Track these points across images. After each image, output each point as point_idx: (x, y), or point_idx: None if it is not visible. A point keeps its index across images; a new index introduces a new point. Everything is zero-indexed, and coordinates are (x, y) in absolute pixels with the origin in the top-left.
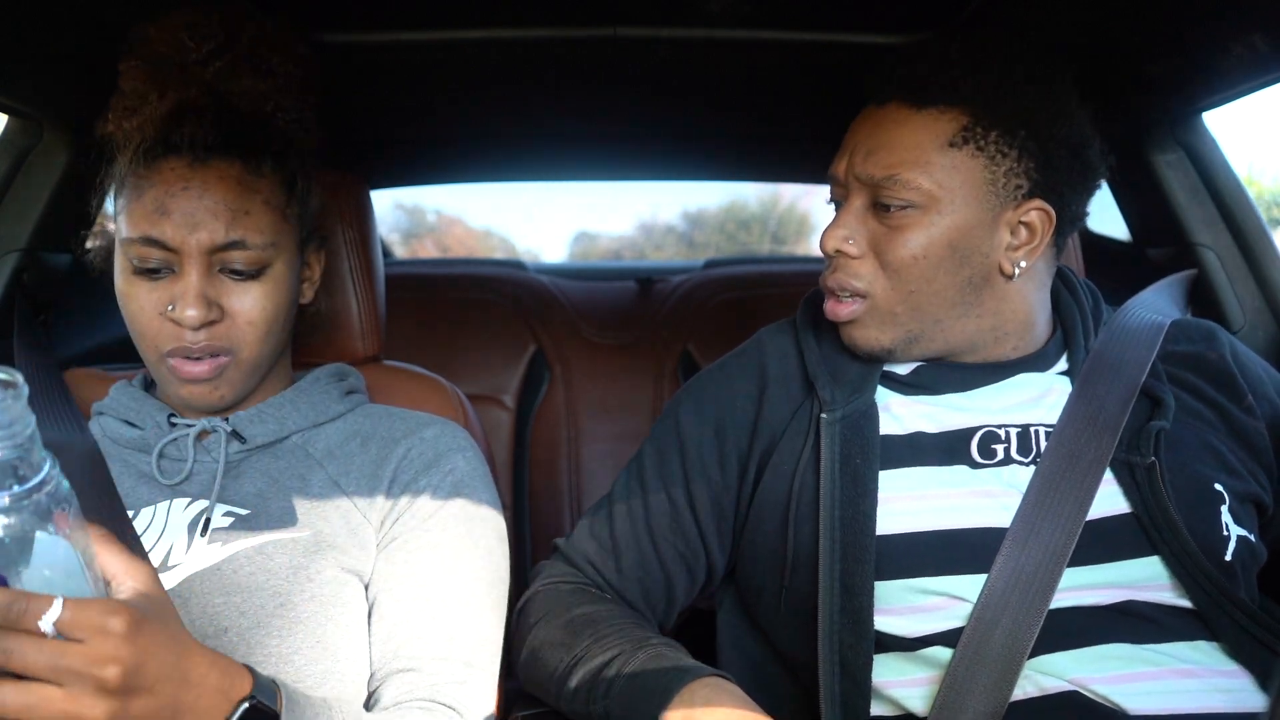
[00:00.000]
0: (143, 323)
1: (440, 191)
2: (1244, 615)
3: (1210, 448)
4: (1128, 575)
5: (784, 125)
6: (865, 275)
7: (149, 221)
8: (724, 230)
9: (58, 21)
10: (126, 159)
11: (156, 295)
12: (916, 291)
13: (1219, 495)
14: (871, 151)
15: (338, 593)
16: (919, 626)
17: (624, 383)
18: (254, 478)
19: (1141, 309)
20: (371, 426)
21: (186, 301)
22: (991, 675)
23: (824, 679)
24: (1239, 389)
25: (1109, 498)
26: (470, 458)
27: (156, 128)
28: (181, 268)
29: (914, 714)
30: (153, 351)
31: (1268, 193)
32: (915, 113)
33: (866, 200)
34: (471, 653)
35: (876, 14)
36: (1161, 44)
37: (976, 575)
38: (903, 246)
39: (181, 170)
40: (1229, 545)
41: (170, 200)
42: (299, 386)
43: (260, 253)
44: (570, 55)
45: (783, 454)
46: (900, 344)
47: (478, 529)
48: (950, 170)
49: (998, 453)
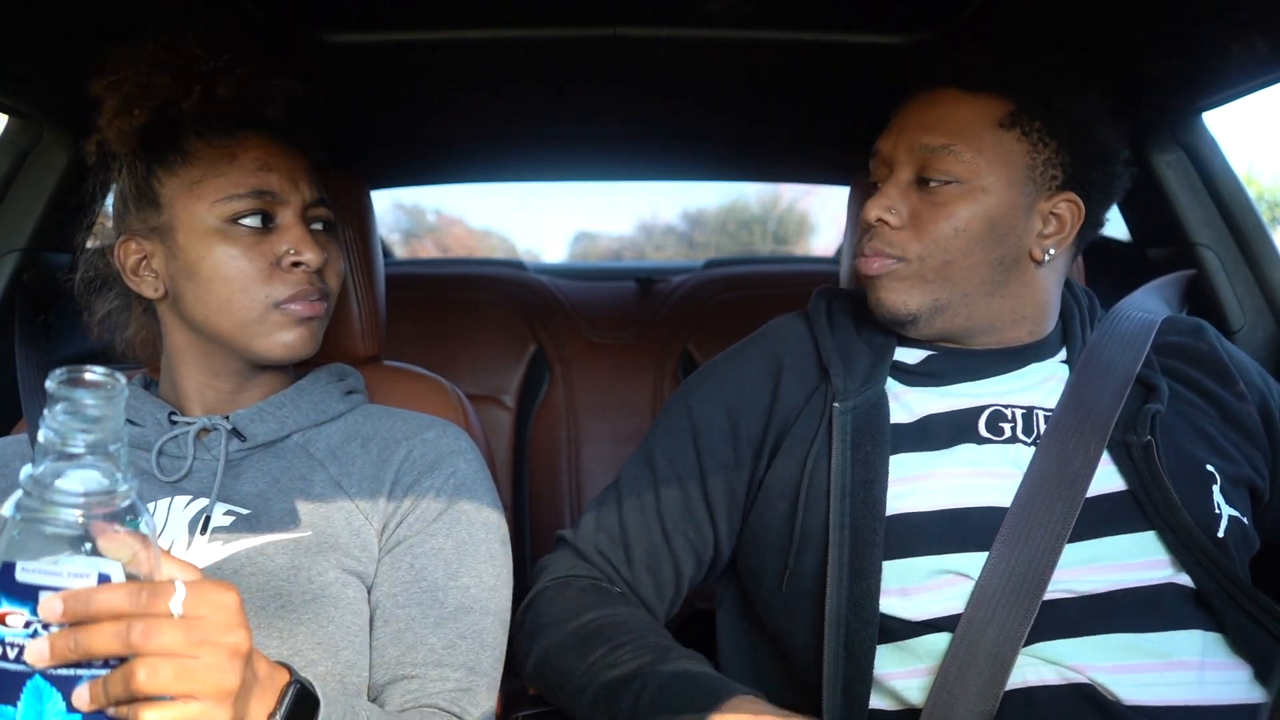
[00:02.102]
0: (251, 275)
1: (440, 191)
2: (1241, 593)
3: (1202, 432)
4: (1123, 550)
5: (784, 125)
6: (903, 243)
7: (256, 178)
8: (724, 230)
9: (58, 22)
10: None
11: (260, 249)
12: (952, 262)
13: (1210, 475)
14: (926, 125)
15: (339, 594)
16: (922, 608)
17: (624, 383)
18: (254, 477)
19: (1133, 308)
20: (372, 427)
21: (308, 245)
22: (989, 660)
23: (828, 664)
24: (1230, 375)
25: (1105, 476)
26: (471, 460)
27: (227, 106)
28: (284, 220)
29: (912, 705)
30: (260, 305)
31: (1268, 193)
32: (967, 96)
33: (911, 175)
34: (475, 659)
35: (876, 14)
36: (1161, 44)
37: (980, 553)
38: (945, 220)
39: (265, 139)
40: (1221, 523)
41: (272, 159)
42: (299, 386)
43: (331, 213)
44: (570, 55)
45: (795, 439)
46: (925, 311)
47: (480, 533)
48: (997, 149)
49: (1005, 430)
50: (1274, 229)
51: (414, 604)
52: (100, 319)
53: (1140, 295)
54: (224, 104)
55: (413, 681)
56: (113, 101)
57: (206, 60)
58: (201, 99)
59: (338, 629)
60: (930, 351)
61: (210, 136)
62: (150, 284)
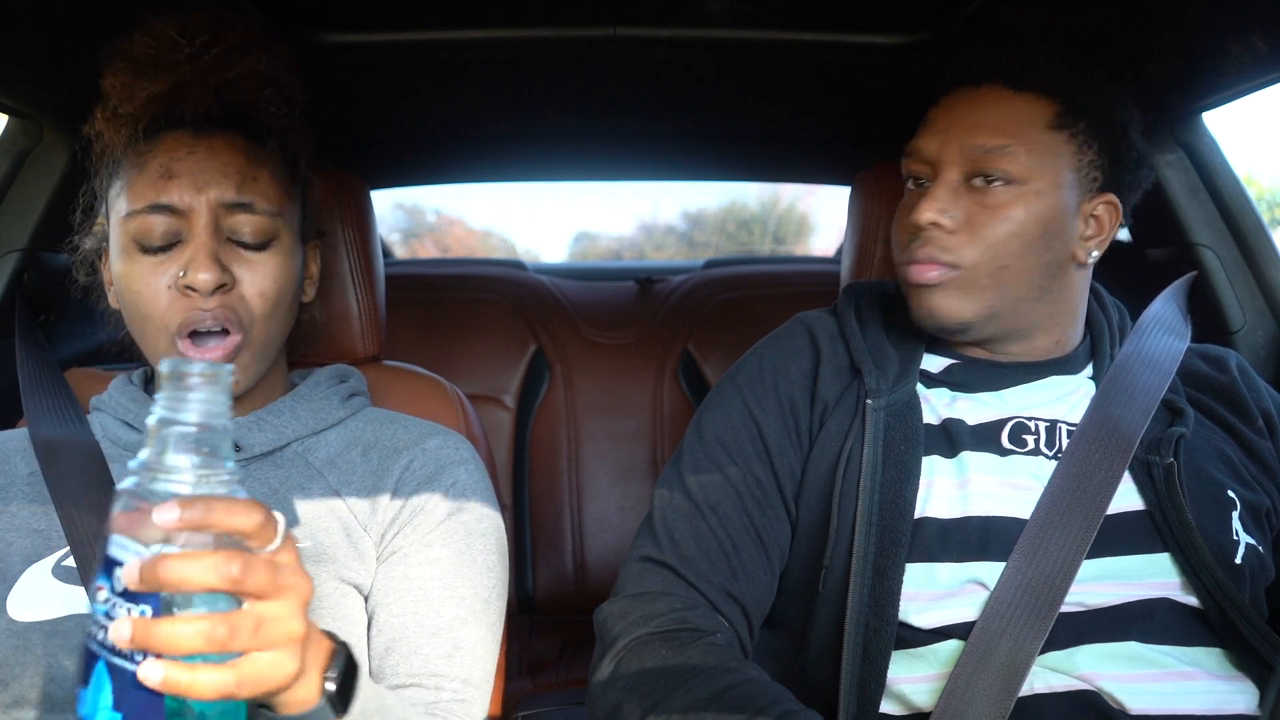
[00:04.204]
0: (148, 301)
1: (440, 191)
2: (1247, 622)
3: (1224, 456)
4: (1137, 569)
5: (784, 125)
6: (957, 248)
7: (155, 188)
8: (724, 230)
9: (58, 21)
10: (122, 141)
11: (163, 269)
12: (1008, 268)
13: (1231, 501)
14: (979, 125)
15: (337, 605)
16: (939, 616)
17: (624, 383)
18: (252, 486)
19: (1159, 326)
20: (373, 434)
21: (199, 264)
22: (1001, 670)
23: (846, 662)
24: (1250, 411)
25: (1124, 495)
26: (473, 470)
27: (156, 105)
28: (190, 233)
29: (920, 710)
30: (162, 335)
31: (1268, 193)
32: (1014, 94)
33: (960, 175)
34: (469, 670)
35: (876, 14)
36: (1161, 44)
37: (998, 563)
38: (1003, 222)
39: (185, 139)
40: (1239, 550)
41: (176, 164)
42: (298, 392)
43: (268, 220)
44: (570, 55)
45: (830, 431)
46: (980, 319)
47: (478, 544)
48: (1048, 151)
49: (1028, 442)
50: (1274, 229)
51: (409, 613)
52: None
53: (1160, 306)
54: (194, 98)
55: (408, 691)
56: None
57: (183, 47)
58: (170, 93)
59: None
60: (953, 360)
61: (134, 141)
62: (112, 295)
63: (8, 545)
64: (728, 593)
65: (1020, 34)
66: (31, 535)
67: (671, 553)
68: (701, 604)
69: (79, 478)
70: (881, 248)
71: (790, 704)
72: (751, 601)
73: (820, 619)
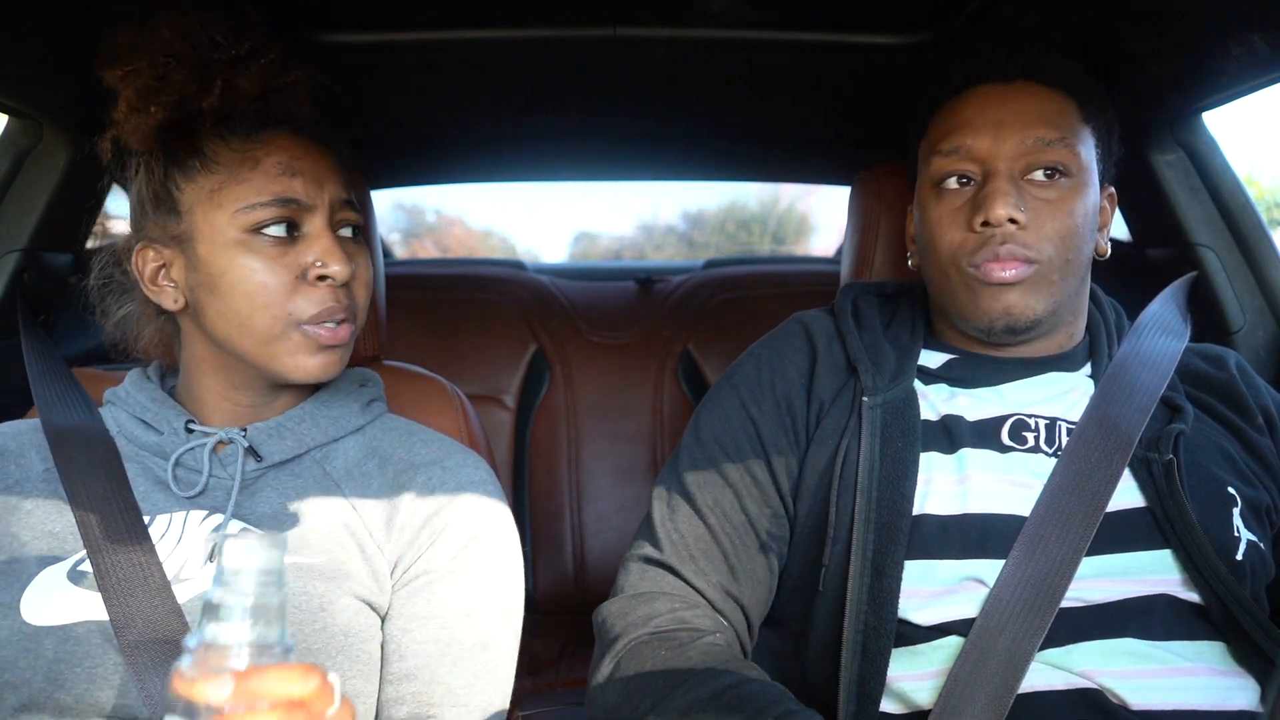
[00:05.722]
0: (272, 294)
1: (440, 191)
2: (1249, 616)
3: (1225, 453)
4: (1138, 566)
5: (784, 125)
6: (1034, 244)
7: (279, 183)
8: (724, 230)
9: (58, 22)
10: (207, 136)
11: (286, 261)
12: (1072, 260)
13: (1232, 498)
14: (1034, 119)
15: (350, 622)
16: (938, 613)
17: (624, 383)
18: (270, 496)
19: (1157, 326)
20: (390, 446)
21: (335, 256)
22: (1000, 667)
23: (845, 660)
24: (1249, 409)
25: (1125, 491)
26: (493, 492)
27: (248, 101)
28: (310, 228)
29: (919, 708)
30: (280, 323)
31: (1268, 193)
32: (1046, 90)
33: (1015, 172)
34: (489, 698)
35: (876, 14)
36: (1161, 44)
37: (997, 560)
38: (1068, 215)
39: (290, 139)
40: (1239, 546)
41: (295, 162)
42: (320, 398)
43: (360, 215)
44: (570, 55)
45: (826, 429)
46: (1049, 314)
47: (498, 568)
48: (1084, 144)
49: (1028, 440)
50: (1274, 229)
51: (431, 641)
52: (115, 322)
53: (1158, 308)
54: (245, 101)
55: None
56: (128, 94)
57: (228, 49)
58: (222, 95)
59: (347, 658)
60: (952, 355)
61: (231, 139)
62: (170, 295)
63: (23, 546)
64: (727, 592)
65: (1023, 33)
66: (47, 538)
67: (671, 552)
68: (701, 604)
69: (94, 476)
70: (882, 247)
71: (790, 704)
72: (751, 601)
73: (819, 617)
